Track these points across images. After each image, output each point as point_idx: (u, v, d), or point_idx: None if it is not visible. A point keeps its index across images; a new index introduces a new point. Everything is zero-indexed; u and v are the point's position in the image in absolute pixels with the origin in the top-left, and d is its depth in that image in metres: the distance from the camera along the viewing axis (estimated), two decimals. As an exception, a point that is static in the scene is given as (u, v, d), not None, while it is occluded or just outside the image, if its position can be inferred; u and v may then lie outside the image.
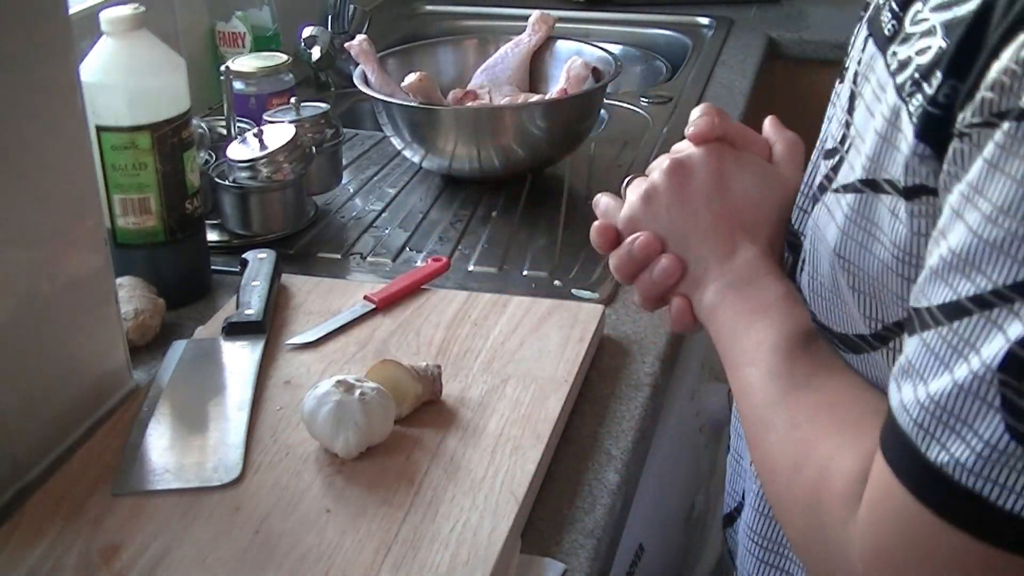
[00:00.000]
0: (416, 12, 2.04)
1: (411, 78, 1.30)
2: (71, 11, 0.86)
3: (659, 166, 0.78)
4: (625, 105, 1.57)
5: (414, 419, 0.84)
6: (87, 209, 0.86)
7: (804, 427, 0.64)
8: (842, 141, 0.67)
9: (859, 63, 0.67)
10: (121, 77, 0.97)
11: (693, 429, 1.27)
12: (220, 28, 1.55)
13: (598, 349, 0.97)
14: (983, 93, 0.50)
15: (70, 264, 0.84)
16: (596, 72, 1.35)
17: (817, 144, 0.77)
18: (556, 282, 1.09)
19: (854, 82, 0.67)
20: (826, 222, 0.65)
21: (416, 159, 1.32)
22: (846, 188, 0.63)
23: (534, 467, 0.79)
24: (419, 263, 1.12)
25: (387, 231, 1.21)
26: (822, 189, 0.67)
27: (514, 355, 0.93)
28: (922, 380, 0.52)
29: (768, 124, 0.84)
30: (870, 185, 0.60)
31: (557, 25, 1.50)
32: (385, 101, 1.28)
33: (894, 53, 0.61)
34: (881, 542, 0.55)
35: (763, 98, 1.69)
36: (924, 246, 0.58)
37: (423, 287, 1.04)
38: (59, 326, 0.84)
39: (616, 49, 1.62)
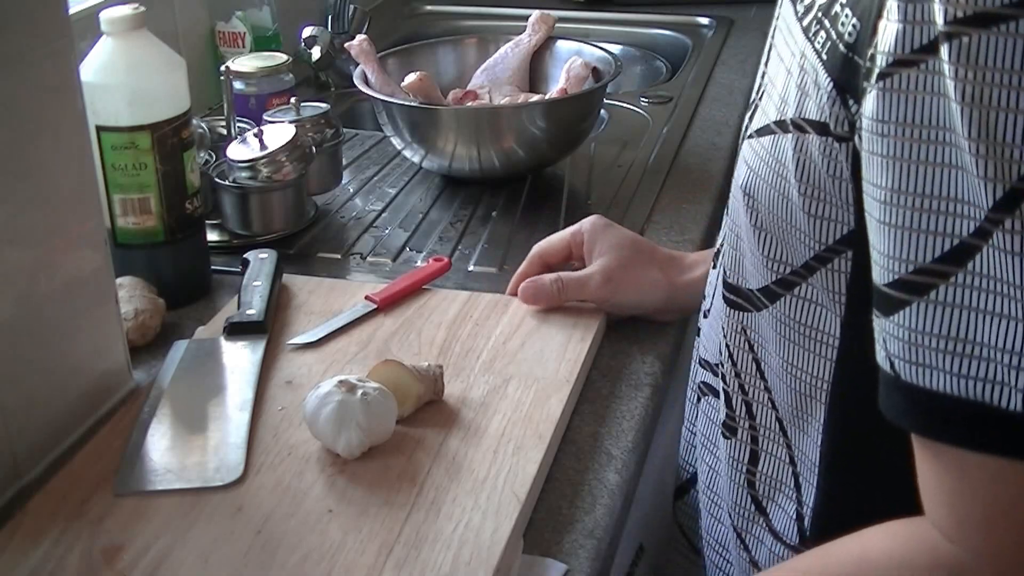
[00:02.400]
0: (416, 12, 2.04)
1: (411, 78, 1.30)
2: (71, 11, 0.86)
3: None
4: (625, 105, 1.57)
5: (416, 419, 0.84)
6: (87, 209, 0.86)
7: None
8: (758, 92, 0.68)
9: (776, 17, 0.69)
10: (121, 77, 0.97)
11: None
12: (220, 28, 1.55)
13: (598, 349, 0.97)
14: (897, 24, 0.51)
15: (70, 264, 0.84)
16: (596, 72, 1.35)
17: None
18: (557, 282, 1.09)
19: (772, 35, 0.69)
20: (740, 168, 0.67)
21: (416, 159, 1.32)
22: (759, 132, 0.64)
23: (536, 467, 0.79)
24: (419, 263, 1.12)
25: (387, 231, 1.21)
26: (742, 138, 0.69)
27: (516, 355, 0.93)
28: (961, 340, 0.51)
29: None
30: (780, 126, 0.61)
31: (557, 25, 1.49)
32: (385, 101, 1.28)
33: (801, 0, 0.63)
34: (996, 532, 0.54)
35: None
36: (834, 186, 0.59)
37: (424, 287, 1.04)
38: (59, 326, 0.83)
39: (616, 49, 1.61)
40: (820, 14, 0.59)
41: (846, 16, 0.55)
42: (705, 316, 0.83)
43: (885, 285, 0.53)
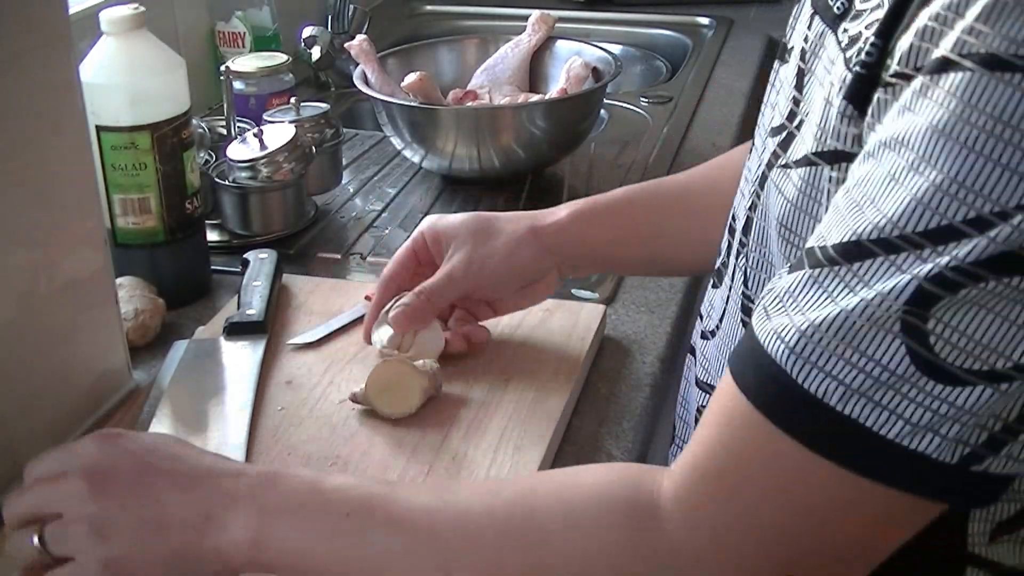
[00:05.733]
0: (416, 12, 2.04)
1: (411, 78, 1.30)
2: (71, 11, 0.86)
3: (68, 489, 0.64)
4: (625, 105, 1.57)
5: (416, 419, 0.84)
6: (87, 209, 0.86)
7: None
8: (790, 117, 0.67)
9: (806, 40, 0.68)
10: (121, 77, 0.97)
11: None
12: (220, 28, 1.55)
13: (598, 349, 0.97)
14: (911, 40, 0.51)
15: (70, 264, 0.84)
16: (596, 72, 1.35)
17: (757, 128, 0.77)
18: (557, 282, 1.09)
19: (802, 59, 0.68)
20: (774, 197, 0.66)
21: (416, 159, 1.32)
22: (797, 163, 0.63)
23: (536, 467, 0.79)
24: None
25: (387, 231, 1.21)
26: (770, 166, 0.68)
27: (516, 355, 0.93)
28: (800, 311, 0.52)
29: None
30: (821, 156, 0.61)
31: (557, 25, 1.49)
32: (385, 101, 1.28)
33: (845, 30, 0.62)
34: (731, 476, 0.55)
35: (763, 98, 1.69)
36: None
37: (424, 287, 1.03)
38: (59, 326, 0.83)
39: (616, 49, 1.61)
40: (863, 45, 0.58)
41: (873, 41, 0.56)
42: (705, 337, 0.81)
43: (806, 249, 0.55)
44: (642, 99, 1.59)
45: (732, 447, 0.55)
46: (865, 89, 0.55)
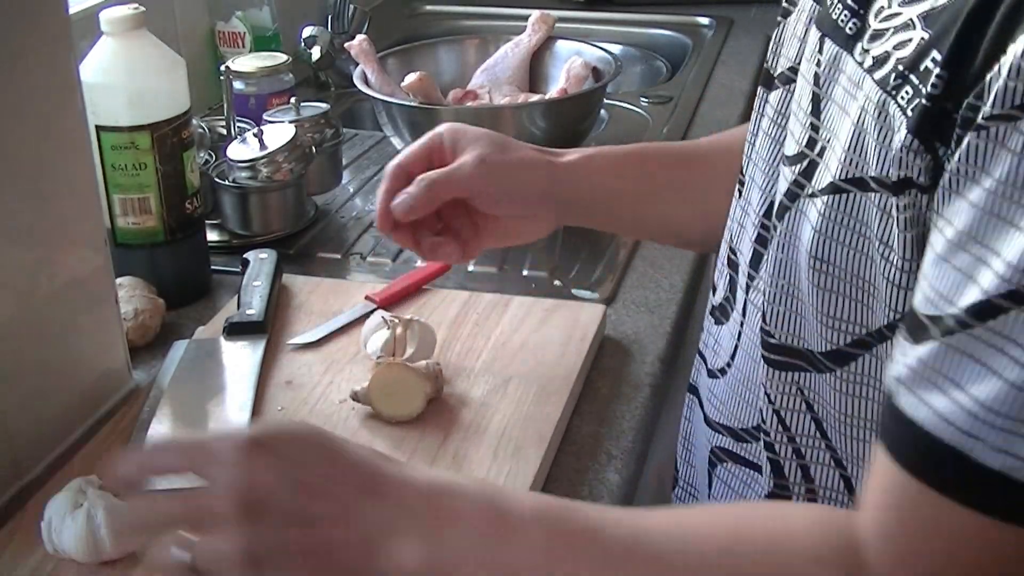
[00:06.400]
0: (416, 12, 2.04)
1: (411, 78, 1.30)
2: (71, 11, 0.86)
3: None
4: (625, 105, 1.57)
5: (416, 419, 0.84)
6: (87, 209, 0.86)
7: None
8: (809, 145, 0.66)
9: (819, 65, 0.66)
10: (121, 77, 0.97)
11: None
12: (220, 28, 1.55)
13: (598, 349, 0.97)
14: (1004, 80, 0.49)
15: (70, 264, 0.84)
16: (596, 72, 1.35)
17: (751, 160, 0.76)
18: (556, 282, 1.09)
19: (816, 84, 0.66)
20: (801, 227, 0.64)
21: (416, 159, 1.31)
22: (823, 191, 0.62)
23: (536, 467, 0.79)
24: (419, 263, 1.12)
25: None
26: (791, 196, 0.66)
27: (516, 355, 0.93)
28: (958, 387, 0.50)
29: None
30: (856, 184, 0.60)
31: (557, 25, 1.49)
32: (385, 101, 1.28)
33: (865, 50, 0.61)
34: (923, 566, 0.53)
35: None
36: (910, 243, 0.57)
37: (424, 287, 1.04)
38: (59, 326, 0.83)
39: (616, 49, 1.61)
40: (904, 69, 0.57)
41: (937, 72, 0.54)
42: (714, 376, 0.80)
43: (926, 316, 0.52)
44: (642, 99, 1.58)
45: (922, 532, 0.53)
46: (933, 122, 0.54)
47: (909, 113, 0.56)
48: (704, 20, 1.94)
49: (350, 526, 0.55)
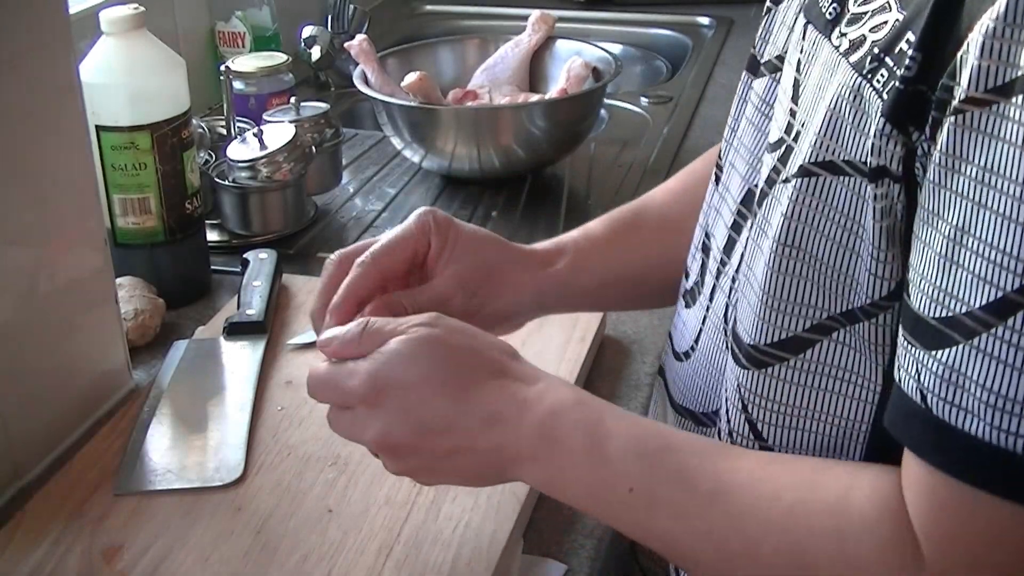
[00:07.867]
0: (416, 12, 2.04)
1: (411, 78, 1.30)
2: (71, 11, 0.86)
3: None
4: (625, 105, 1.57)
5: (415, 419, 0.84)
6: (87, 209, 0.86)
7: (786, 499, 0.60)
8: (787, 131, 0.65)
9: (801, 51, 0.66)
10: (121, 77, 0.97)
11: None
12: (220, 28, 1.55)
13: (598, 349, 0.97)
14: (976, 60, 0.49)
15: (70, 264, 0.84)
16: (596, 72, 1.35)
17: (731, 145, 0.75)
18: (557, 282, 1.09)
19: (797, 70, 0.66)
20: (773, 212, 0.63)
21: (416, 159, 1.32)
22: (794, 174, 0.61)
23: (535, 467, 0.79)
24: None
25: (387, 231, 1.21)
26: (770, 182, 0.65)
27: (515, 355, 0.92)
28: (992, 392, 0.50)
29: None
30: (826, 167, 0.59)
31: (557, 25, 1.49)
32: (385, 101, 1.28)
33: (842, 34, 0.60)
34: (974, 558, 0.53)
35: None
36: (883, 232, 0.56)
37: (424, 287, 1.03)
38: (59, 326, 0.83)
39: (616, 49, 1.62)
40: (879, 52, 0.56)
41: (911, 54, 0.53)
42: (678, 359, 0.78)
43: (935, 319, 0.52)
44: (642, 99, 1.59)
45: (982, 537, 0.53)
46: (908, 106, 0.53)
47: (884, 97, 0.55)
48: (704, 20, 1.94)
49: (476, 451, 0.64)
